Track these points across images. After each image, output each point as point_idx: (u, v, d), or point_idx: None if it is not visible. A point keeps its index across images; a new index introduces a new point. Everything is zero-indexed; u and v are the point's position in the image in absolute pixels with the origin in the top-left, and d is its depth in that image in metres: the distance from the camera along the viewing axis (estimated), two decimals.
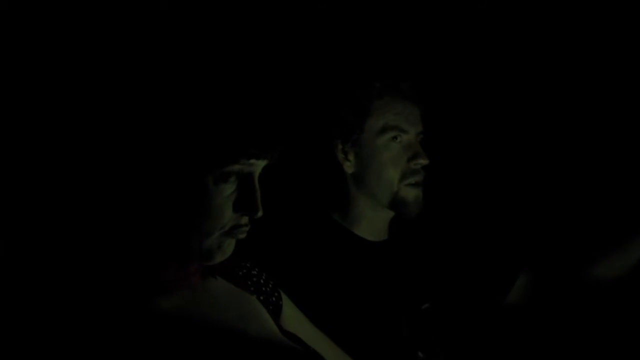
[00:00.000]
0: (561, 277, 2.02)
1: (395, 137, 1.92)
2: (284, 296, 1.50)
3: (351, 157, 1.93)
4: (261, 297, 1.43)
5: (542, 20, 2.33)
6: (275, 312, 1.46)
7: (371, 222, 1.96)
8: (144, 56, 1.31)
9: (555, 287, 2.03)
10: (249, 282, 1.43)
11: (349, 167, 1.93)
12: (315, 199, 2.01)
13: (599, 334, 2.30)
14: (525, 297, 2.03)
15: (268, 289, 1.46)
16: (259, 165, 1.27)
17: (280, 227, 1.93)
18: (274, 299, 1.46)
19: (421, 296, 1.95)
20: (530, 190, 2.43)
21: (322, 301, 1.80)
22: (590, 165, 2.37)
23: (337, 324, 1.69)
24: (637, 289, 2.13)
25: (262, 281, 1.46)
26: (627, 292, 2.14)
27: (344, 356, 1.57)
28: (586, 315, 2.27)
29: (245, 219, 1.27)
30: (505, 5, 2.33)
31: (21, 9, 1.75)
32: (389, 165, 1.92)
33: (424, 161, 1.94)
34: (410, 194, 1.93)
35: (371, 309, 1.88)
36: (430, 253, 2.02)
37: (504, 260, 2.05)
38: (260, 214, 1.27)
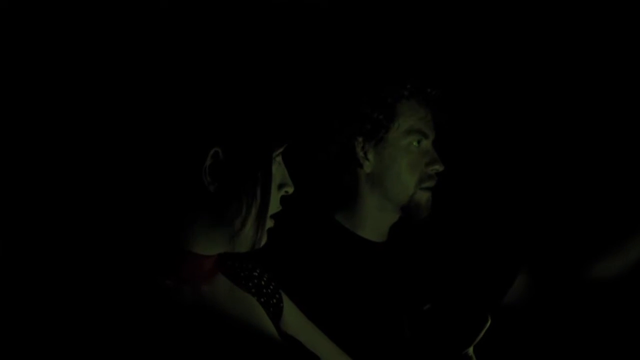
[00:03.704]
0: (560, 277, 2.02)
1: (418, 141, 1.92)
2: (285, 298, 1.50)
3: (371, 155, 1.92)
4: (262, 300, 1.43)
5: (544, 20, 2.33)
6: (276, 314, 1.46)
7: (375, 224, 1.96)
8: (179, 53, 1.33)
9: (554, 286, 2.03)
10: (251, 284, 1.43)
11: (367, 166, 1.93)
12: (318, 200, 2.00)
13: (598, 333, 2.31)
14: (524, 296, 2.03)
15: (269, 291, 1.46)
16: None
17: (282, 229, 1.93)
18: (274, 300, 1.46)
19: (423, 296, 1.95)
20: (529, 190, 2.43)
21: (325, 302, 1.80)
22: (590, 165, 2.37)
23: (339, 324, 1.69)
24: (637, 289, 2.14)
25: (263, 282, 1.46)
26: (627, 292, 2.14)
27: (345, 358, 1.57)
28: (585, 315, 2.27)
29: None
30: (506, 5, 2.33)
31: (21, 9, 1.75)
32: (409, 168, 1.92)
33: (440, 167, 1.94)
34: (424, 197, 1.94)
35: (373, 310, 1.88)
36: (431, 253, 2.02)
37: (504, 260, 2.05)
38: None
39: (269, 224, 1.33)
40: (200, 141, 1.25)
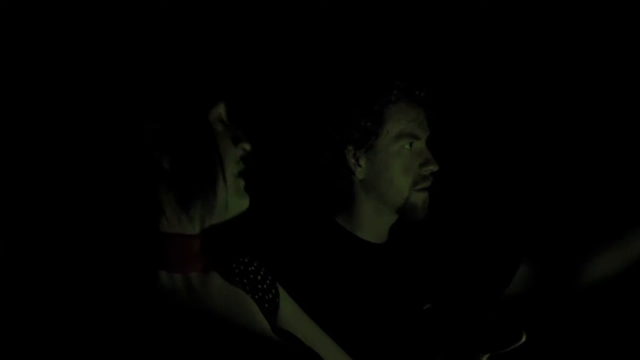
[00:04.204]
0: (561, 272, 2.02)
1: (410, 144, 1.92)
2: (282, 293, 1.48)
3: (363, 162, 1.92)
4: (256, 297, 1.42)
5: (544, 20, 2.33)
6: (272, 310, 1.44)
7: (375, 226, 1.96)
8: (165, 54, 1.32)
9: (555, 281, 2.03)
10: (245, 280, 1.42)
11: (360, 173, 1.93)
12: (319, 202, 2.01)
13: (599, 329, 2.31)
14: (524, 292, 2.03)
15: (265, 286, 1.44)
16: None
17: (283, 231, 1.94)
18: (270, 296, 1.44)
19: (423, 297, 1.96)
20: (529, 187, 2.43)
21: (325, 303, 1.80)
22: (590, 161, 2.37)
23: (339, 325, 1.69)
24: (637, 288, 2.14)
25: (259, 278, 1.44)
26: (627, 289, 2.15)
27: (342, 353, 1.56)
28: (586, 310, 2.28)
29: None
30: (505, 5, 2.33)
31: (20, 8, 1.75)
32: (402, 172, 1.92)
33: (434, 168, 1.94)
34: (420, 198, 1.94)
35: (374, 310, 1.88)
36: (431, 253, 2.03)
37: (504, 257, 2.05)
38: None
39: (239, 183, 1.30)
40: (136, 117, 1.24)
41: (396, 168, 1.92)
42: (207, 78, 1.29)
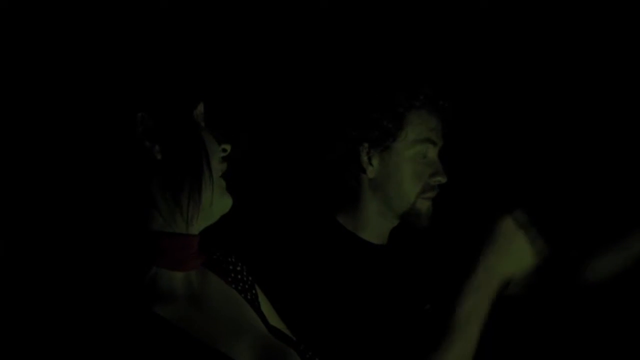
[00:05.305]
0: (559, 274, 2.02)
1: (424, 152, 1.92)
2: (259, 292, 1.48)
3: (375, 161, 1.92)
4: (248, 297, 1.42)
5: (544, 20, 2.34)
6: (257, 310, 1.44)
7: (376, 227, 1.96)
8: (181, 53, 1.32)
9: (553, 284, 2.03)
10: (241, 284, 1.42)
11: (370, 172, 1.93)
12: (321, 200, 2.01)
13: (598, 330, 2.31)
14: (525, 292, 2.03)
15: (247, 286, 1.44)
16: None
17: (283, 229, 1.94)
18: (252, 297, 1.45)
19: (423, 297, 1.96)
20: (528, 191, 2.43)
21: (325, 303, 1.80)
22: (590, 163, 2.37)
23: (339, 325, 1.69)
24: (637, 288, 2.14)
25: (245, 278, 1.44)
26: (627, 290, 2.15)
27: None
28: (586, 311, 2.28)
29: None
30: (505, 5, 2.34)
31: (19, 7, 1.75)
32: (412, 178, 1.92)
33: (443, 179, 1.95)
34: (425, 206, 1.94)
35: (374, 311, 1.88)
36: (431, 253, 2.03)
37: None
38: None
39: (221, 182, 1.29)
40: (128, 110, 1.23)
41: (407, 173, 1.92)
42: (198, 74, 1.29)
